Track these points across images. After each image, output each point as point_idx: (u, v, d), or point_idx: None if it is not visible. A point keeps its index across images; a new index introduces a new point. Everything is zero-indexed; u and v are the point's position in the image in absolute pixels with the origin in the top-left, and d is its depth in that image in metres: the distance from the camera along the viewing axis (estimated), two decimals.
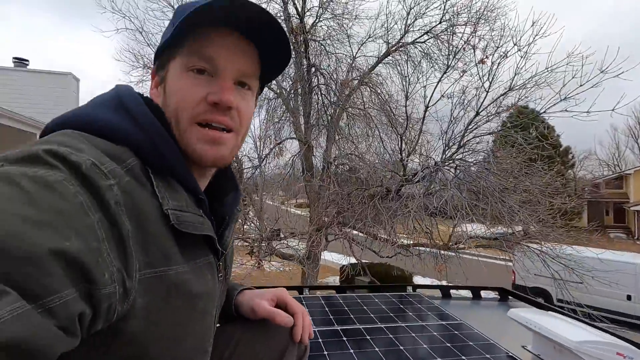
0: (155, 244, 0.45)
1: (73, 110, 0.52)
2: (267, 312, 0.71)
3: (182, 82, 0.54)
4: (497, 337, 1.30)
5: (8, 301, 0.30)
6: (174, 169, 0.51)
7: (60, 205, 0.36)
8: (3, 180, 0.35)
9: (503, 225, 4.44)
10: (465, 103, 4.34)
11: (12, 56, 9.07)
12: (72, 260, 0.35)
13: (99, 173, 0.41)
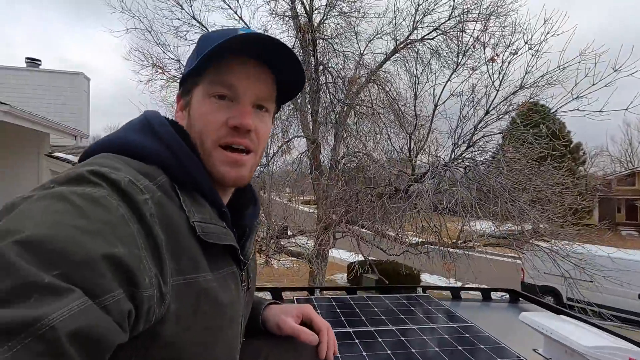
0: (185, 253, 0.49)
1: (108, 136, 0.58)
2: (292, 329, 0.74)
3: (205, 108, 0.60)
4: (507, 339, 1.31)
5: (75, 297, 0.35)
6: (199, 184, 0.56)
7: (106, 217, 0.41)
8: (58, 198, 0.41)
9: (512, 224, 4.41)
10: (474, 101, 4.30)
11: (25, 56, 9.24)
12: (119, 264, 0.40)
13: (136, 189, 0.46)
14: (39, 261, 0.35)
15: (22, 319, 0.31)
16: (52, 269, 0.35)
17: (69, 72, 9.44)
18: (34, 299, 0.33)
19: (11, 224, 0.37)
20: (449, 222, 4.86)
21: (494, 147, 4.66)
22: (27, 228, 0.36)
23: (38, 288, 0.33)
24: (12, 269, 0.33)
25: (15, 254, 0.34)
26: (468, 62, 4.65)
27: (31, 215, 0.38)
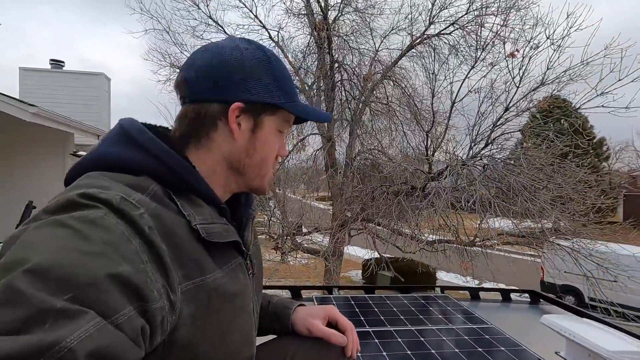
0: (189, 258, 0.51)
1: (90, 153, 0.57)
2: (323, 332, 0.77)
3: (274, 140, 0.68)
4: (528, 342, 1.30)
5: (89, 318, 0.36)
6: (192, 186, 0.56)
7: (106, 237, 0.42)
8: (55, 225, 0.42)
9: (532, 222, 4.32)
10: (493, 98, 4.22)
11: (49, 58, 9.55)
12: (126, 282, 0.41)
13: (129, 205, 0.47)
14: (49, 287, 0.36)
15: (40, 345, 0.32)
16: (62, 293, 0.36)
17: (90, 73, 9.71)
18: (49, 325, 0.34)
19: (17, 255, 0.38)
20: (466, 219, 4.80)
21: (514, 145, 4.56)
22: (33, 256, 0.37)
23: (52, 313, 0.35)
24: (25, 298, 0.34)
25: (25, 283, 0.35)
26: (487, 57, 4.55)
27: (34, 244, 0.39)
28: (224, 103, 0.60)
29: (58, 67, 9.72)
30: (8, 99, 4.82)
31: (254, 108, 0.63)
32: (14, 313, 0.34)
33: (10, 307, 0.34)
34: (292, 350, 0.76)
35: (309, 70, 6.63)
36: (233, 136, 0.62)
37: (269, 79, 0.63)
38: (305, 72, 6.62)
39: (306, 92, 6.43)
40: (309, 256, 6.46)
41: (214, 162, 0.62)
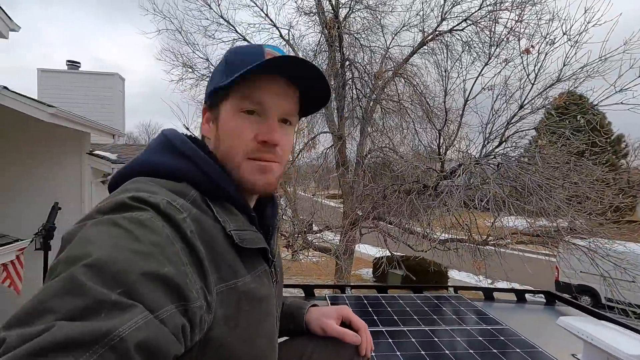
0: (224, 262, 0.54)
1: (134, 161, 0.61)
2: (337, 332, 0.79)
3: (235, 123, 0.63)
4: (544, 343, 1.29)
5: (138, 312, 0.39)
6: (227, 194, 0.60)
7: (154, 238, 0.45)
8: (109, 224, 0.45)
9: (547, 221, 4.24)
10: (507, 95, 4.14)
11: (66, 59, 9.77)
12: (169, 282, 0.44)
13: (174, 209, 0.50)
14: (104, 281, 0.39)
15: (97, 332, 0.35)
16: (116, 287, 0.39)
17: (105, 73, 9.91)
18: (104, 315, 0.37)
19: (77, 250, 0.42)
20: (479, 218, 4.74)
21: (528, 143, 4.47)
22: (91, 252, 0.41)
23: (107, 305, 0.38)
24: (84, 289, 0.38)
25: (85, 276, 0.39)
26: (501, 54, 4.46)
27: (92, 241, 0.43)
28: None
29: (74, 68, 9.95)
30: (27, 99, 4.95)
31: (211, 103, 0.66)
32: (74, 302, 0.37)
33: (71, 297, 0.37)
34: (308, 350, 0.78)
35: (320, 68, 6.63)
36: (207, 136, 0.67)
37: (219, 71, 0.66)
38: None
39: None
40: (320, 254, 6.48)
41: None
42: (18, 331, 0.35)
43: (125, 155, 7.80)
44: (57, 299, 0.37)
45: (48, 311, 0.36)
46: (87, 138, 6.57)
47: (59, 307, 0.36)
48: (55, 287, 0.38)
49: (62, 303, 0.37)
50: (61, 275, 0.39)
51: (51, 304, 0.37)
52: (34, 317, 0.36)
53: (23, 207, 6.21)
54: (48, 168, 6.36)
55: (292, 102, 0.66)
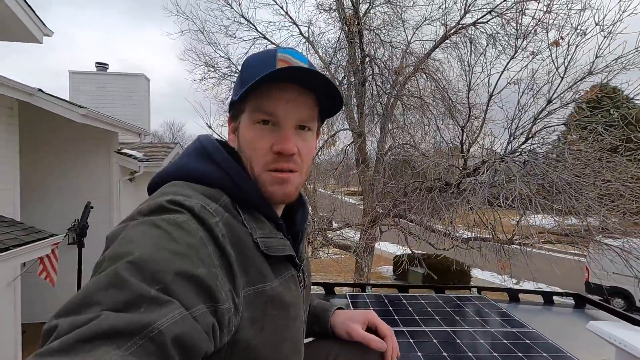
0: (253, 266, 0.56)
1: (172, 165, 0.65)
2: (363, 337, 0.79)
3: (251, 134, 0.64)
4: (572, 348, 1.25)
5: (174, 307, 0.42)
6: (255, 202, 0.62)
7: (190, 240, 0.48)
8: (149, 224, 0.49)
9: (577, 219, 4.06)
10: (534, 89, 3.97)
11: (95, 61, 10.18)
12: (202, 283, 0.46)
13: (208, 213, 0.53)
14: (145, 278, 0.42)
15: (138, 323, 0.38)
16: (155, 284, 0.42)
17: (131, 74, 10.25)
18: (143, 308, 0.40)
19: (121, 248, 0.45)
20: (504, 216, 4.60)
21: (557, 138, 4.28)
22: (133, 251, 0.44)
23: (146, 299, 0.41)
24: (127, 284, 0.41)
25: (127, 272, 0.42)
26: (528, 46, 4.27)
27: (134, 240, 0.46)
28: None
29: (103, 69, 10.35)
30: (60, 101, 5.19)
31: (233, 113, 0.69)
32: (118, 295, 0.40)
33: (115, 290, 0.40)
34: (333, 353, 0.78)
35: (340, 65, 6.60)
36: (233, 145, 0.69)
37: (237, 83, 0.69)
38: (335, 67, 6.60)
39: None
40: (340, 251, 6.49)
41: None
42: (68, 319, 0.38)
43: (151, 154, 8.05)
44: (102, 291, 0.40)
45: (95, 302, 0.39)
46: (116, 137, 6.83)
47: (105, 299, 0.40)
48: (101, 281, 0.41)
49: (107, 295, 0.40)
50: (106, 270, 0.42)
51: (97, 296, 0.40)
52: (82, 307, 0.39)
53: (56, 203, 6.53)
54: (79, 166, 6.66)
55: (307, 108, 0.65)
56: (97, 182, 6.71)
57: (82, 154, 6.65)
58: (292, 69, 0.60)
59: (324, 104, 0.68)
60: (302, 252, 0.73)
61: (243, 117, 0.66)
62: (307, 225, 0.77)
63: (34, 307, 6.21)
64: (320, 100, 0.67)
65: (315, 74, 0.61)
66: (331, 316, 0.84)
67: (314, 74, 0.61)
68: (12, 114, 4.77)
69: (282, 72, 0.59)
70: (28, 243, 3.54)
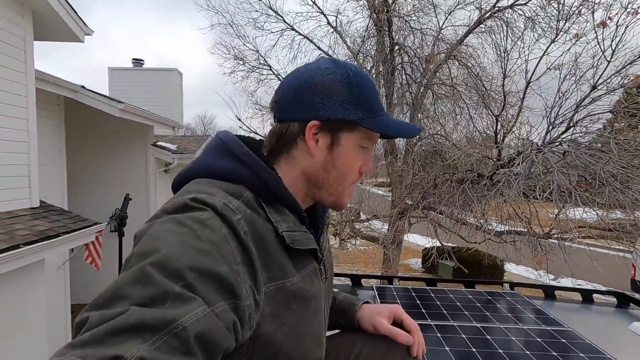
0: (274, 262, 0.57)
1: (194, 163, 0.67)
2: (389, 331, 0.79)
3: (354, 156, 0.69)
4: (614, 350, 1.18)
5: (198, 304, 0.43)
6: (279, 196, 0.63)
7: (213, 237, 0.49)
8: (174, 222, 0.51)
9: (623, 213, 3.79)
10: (577, 75, 3.71)
11: (132, 57, 10.64)
12: (224, 280, 0.47)
13: (230, 210, 0.54)
14: (170, 275, 0.44)
15: (164, 319, 0.40)
16: (179, 281, 0.44)
17: (165, 69, 10.64)
18: (168, 304, 0.41)
19: (148, 245, 0.47)
20: (541, 209, 4.38)
21: (601, 127, 3.99)
22: (159, 248, 0.46)
23: (171, 295, 0.42)
24: (153, 280, 0.43)
25: (153, 269, 0.43)
26: (571, 29, 3.98)
27: (160, 238, 0.48)
28: (302, 122, 0.65)
29: (139, 65, 10.79)
30: (101, 97, 5.49)
31: (330, 125, 0.66)
32: (145, 291, 0.42)
33: (142, 286, 0.43)
34: (359, 345, 0.79)
35: (368, 55, 6.49)
36: (311, 152, 0.66)
37: (346, 96, 0.66)
38: (364, 56, 6.49)
39: None
40: (367, 243, 6.47)
41: (295, 177, 0.68)
42: (99, 312, 0.40)
43: (184, 146, 8.35)
44: (130, 287, 0.42)
45: (123, 297, 0.41)
46: (151, 130, 7.14)
47: (132, 294, 0.42)
48: (129, 277, 0.43)
49: (134, 291, 0.42)
50: (134, 267, 0.45)
51: (125, 291, 0.42)
52: (111, 301, 0.41)
53: (97, 193, 6.96)
54: (118, 158, 7.03)
55: None
56: (134, 174, 7.07)
57: (121, 146, 7.01)
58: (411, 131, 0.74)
59: None
60: (323, 244, 0.74)
61: (348, 136, 0.67)
62: (327, 218, 0.78)
63: (81, 290, 6.70)
64: None
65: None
66: (358, 310, 0.84)
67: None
68: (59, 110, 5.10)
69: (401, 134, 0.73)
70: (75, 230, 3.80)
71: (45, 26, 4.08)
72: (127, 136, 6.98)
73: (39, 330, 3.77)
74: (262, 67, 6.89)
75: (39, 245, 3.24)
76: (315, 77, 0.65)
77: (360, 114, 0.65)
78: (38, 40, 4.08)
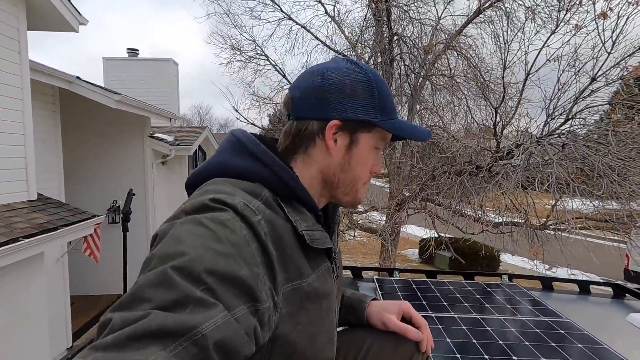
0: (292, 262, 0.57)
1: (210, 162, 0.65)
2: (399, 327, 0.80)
3: (369, 156, 0.71)
4: (610, 340, 1.21)
5: (218, 310, 0.43)
6: (296, 194, 0.62)
7: (233, 238, 0.49)
8: (195, 223, 0.50)
9: (619, 204, 3.82)
10: (577, 66, 3.69)
11: (127, 47, 10.47)
12: (243, 283, 0.47)
13: (250, 211, 0.53)
14: (191, 278, 0.43)
15: (184, 325, 0.39)
16: (200, 285, 0.43)
17: (161, 59, 10.48)
18: (189, 310, 0.41)
19: (169, 248, 0.47)
20: (538, 199, 4.41)
21: (599, 119, 3.99)
22: (181, 251, 0.45)
23: (192, 300, 0.42)
24: (175, 284, 0.42)
25: (174, 272, 0.43)
26: (571, 19, 3.94)
27: (182, 239, 0.47)
28: (322, 120, 0.65)
29: (134, 55, 10.63)
30: (97, 88, 5.42)
31: (350, 125, 0.67)
32: (166, 294, 0.42)
33: (164, 289, 0.42)
34: (368, 342, 0.80)
35: (366, 45, 6.43)
36: (329, 152, 0.67)
37: (366, 98, 0.66)
38: (362, 47, 6.43)
39: None
40: (366, 233, 6.51)
41: (311, 175, 0.68)
42: (121, 314, 0.40)
43: (181, 138, 8.30)
44: (152, 289, 0.42)
45: (145, 299, 0.41)
46: (148, 122, 7.07)
47: (154, 297, 0.41)
48: (151, 279, 0.43)
49: (156, 294, 0.42)
50: (156, 269, 0.44)
51: (148, 293, 0.42)
52: (134, 303, 0.41)
53: (94, 185, 6.92)
54: (115, 150, 6.98)
55: None
56: (132, 165, 7.03)
57: (118, 138, 6.95)
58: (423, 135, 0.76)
59: None
60: (335, 243, 0.74)
61: (366, 137, 0.69)
62: (337, 217, 0.79)
63: (80, 282, 6.72)
64: None
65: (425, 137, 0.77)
66: (367, 307, 0.85)
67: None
68: (54, 101, 5.04)
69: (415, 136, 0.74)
70: (74, 223, 3.80)
71: (38, 15, 4.00)
72: (123, 127, 6.92)
73: (40, 322, 3.79)
74: (259, 58, 6.82)
75: (38, 238, 3.24)
76: (338, 77, 0.65)
77: (379, 116, 0.67)
78: (32, 30, 4.01)
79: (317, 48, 6.84)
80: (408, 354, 0.78)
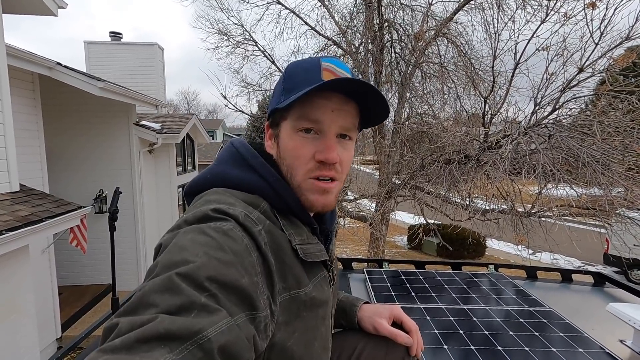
0: (290, 272, 0.58)
1: (208, 171, 0.66)
2: (389, 332, 0.81)
3: (294, 142, 0.65)
4: (589, 328, 1.26)
5: (222, 316, 0.44)
6: (292, 207, 0.64)
7: (236, 247, 0.50)
8: (198, 232, 0.51)
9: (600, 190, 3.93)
10: (565, 56, 3.72)
11: (109, 31, 10.09)
12: (244, 292, 0.48)
13: (251, 221, 0.55)
14: (195, 285, 0.44)
15: (190, 329, 0.40)
16: (204, 291, 0.44)
17: (145, 44, 10.14)
18: (194, 314, 0.42)
19: (174, 256, 0.47)
20: (523, 185, 4.49)
21: (585, 108, 4.05)
22: (186, 259, 0.46)
23: (197, 306, 0.42)
24: (180, 289, 0.43)
25: (180, 278, 0.44)
26: (562, 8, 3.95)
27: (186, 248, 0.48)
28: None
29: (117, 39, 10.26)
30: (79, 74, 5.23)
31: (272, 120, 0.69)
32: (172, 299, 0.42)
33: (169, 294, 0.43)
34: (360, 346, 0.81)
35: (357, 31, 6.33)
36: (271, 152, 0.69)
37: (280, 89, 0.67)
38: (352, 33, 6.34)
39: (353, 55, 6.19)
40: (356, 222, 6.56)
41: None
42: (128, 319, 0.41)
43: (168, 125, 8.13)
44: (158, 295, 0.43)
45: (151, 304, 0.42)
46: (134, 109, 6.89)
47: (160, 302, 0.42)
48: (157, 285, 0.44)
49: (162, 299, 0.42)
50: (161, 275, 0.45)
51: (154, 298, 0.42)
52: (140, 308, 0.42)
53: (79, 173, 6.77)
54: (100, 138, 6.80)
55: (349, 116, 0.65)
56: (118, 154, 6.87)
57: (102, 126, 6.77)
58: (341, 80, 0.60)
59: (364, 114, 0.68)
60: (332, 251, 0.75)
61: (284, 124, 0.66)
62: (335, 224, 0.79)
63: (67, 272, 6.65)
64: (361, 110, 0.67)
65: (362, 83, 0.60)
66: (358, 311, 0.86)
67: (361, 83, 0.60)
68: (34, 88, 4.85)
69: (332, 83, 0.59)
70: (59, 215, 3.72)
71: None
72: (108, 115, 6.73)
73: (27, 313, 3.75)
74: (248, 43, 6.67)
75: (23, 231, 3.17)
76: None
77: (284, 98, 0.64)
78: (7, 14, 3.82)
79: (306, 33, 6.73)
80: (399, 358, 0.79)
